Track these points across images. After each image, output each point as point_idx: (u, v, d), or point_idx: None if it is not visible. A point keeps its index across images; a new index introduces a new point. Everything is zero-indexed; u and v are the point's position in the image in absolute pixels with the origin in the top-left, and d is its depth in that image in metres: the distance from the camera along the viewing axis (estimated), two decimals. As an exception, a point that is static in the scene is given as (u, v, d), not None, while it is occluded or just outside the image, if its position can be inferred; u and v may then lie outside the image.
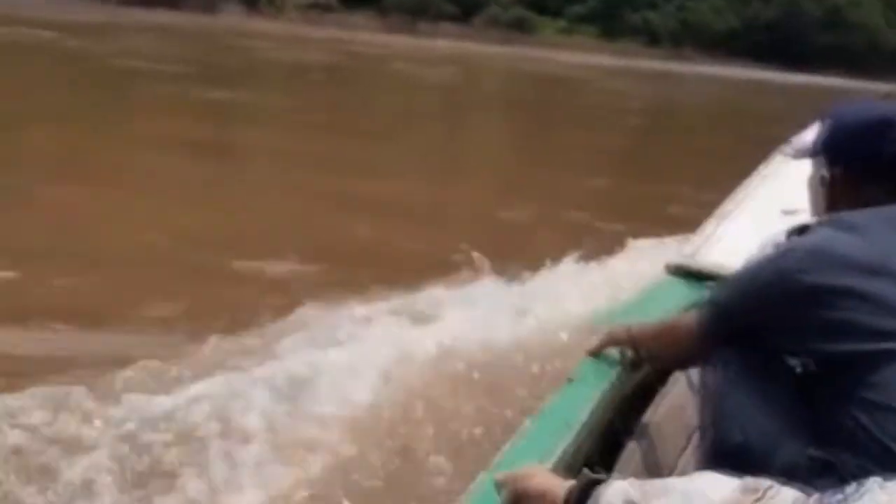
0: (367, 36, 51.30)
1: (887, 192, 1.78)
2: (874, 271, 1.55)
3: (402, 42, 49.88)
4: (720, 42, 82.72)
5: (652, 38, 79.89)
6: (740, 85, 51.57)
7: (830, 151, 1.91)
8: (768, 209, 3.07)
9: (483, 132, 18.38)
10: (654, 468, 2.16)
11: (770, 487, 1.14)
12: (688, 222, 3.95)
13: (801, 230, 1.79)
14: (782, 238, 1.85)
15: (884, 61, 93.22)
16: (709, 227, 3.46)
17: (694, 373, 2.13)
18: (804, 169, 2.06)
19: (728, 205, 3.64)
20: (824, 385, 1.56)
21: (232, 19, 51.95)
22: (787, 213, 2.49)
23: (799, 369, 1.62)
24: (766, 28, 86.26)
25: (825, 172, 1.93)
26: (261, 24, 50.92)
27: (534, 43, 66.59)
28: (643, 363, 2.29)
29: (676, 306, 2.73)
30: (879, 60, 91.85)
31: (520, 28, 71.58)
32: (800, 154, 2.04)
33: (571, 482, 1.35)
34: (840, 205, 1.85)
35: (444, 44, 54.77)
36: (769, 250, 1.81)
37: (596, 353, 2.32)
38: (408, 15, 65.79)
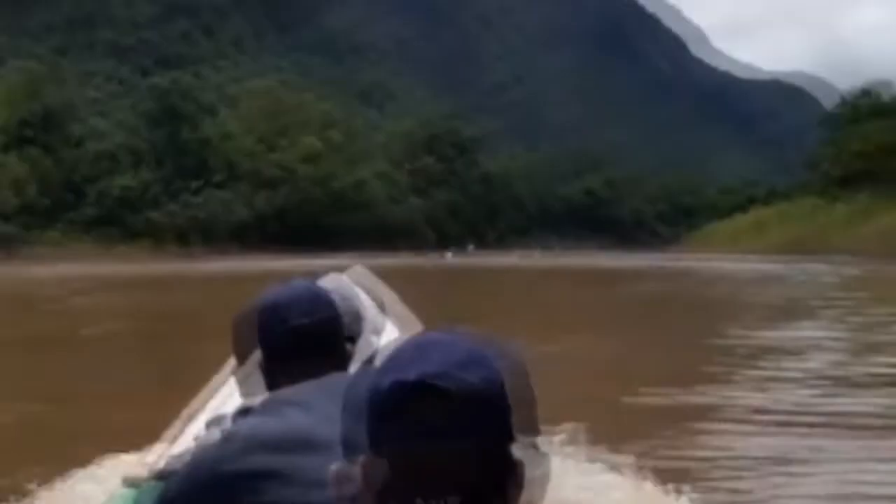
0: None
1: (316, 363, 1.86)
2: (306, 446, 1.60)
3: None
4: (234, 235, 78.96)
5: (157, 240, 74.35)
6: (257, 277, 47.17)
7: (260, 342, 1.95)
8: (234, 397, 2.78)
9: None
10: None
11: None
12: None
13: (245, 411, 1.83)
14: (229, 422, 1.90)
15: (392, 236, 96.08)
16: (174, 430, 3.38)
17: None
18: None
19: (194, 404, 3.45)
20: None
21: None
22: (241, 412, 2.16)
23: None
24: (278, 217, 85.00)
25: (261, 359, 1.95)
26: None
27: (26, 257, 58.73)
28: None
29: None
30: (385, 236, 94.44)
31: (8, 245, 63.20)
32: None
33: None
34: (280, 383, 1.87)
35: None
36: (216, 435, 1.85)
37: None
38: None
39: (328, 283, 2.29)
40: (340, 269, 2.81)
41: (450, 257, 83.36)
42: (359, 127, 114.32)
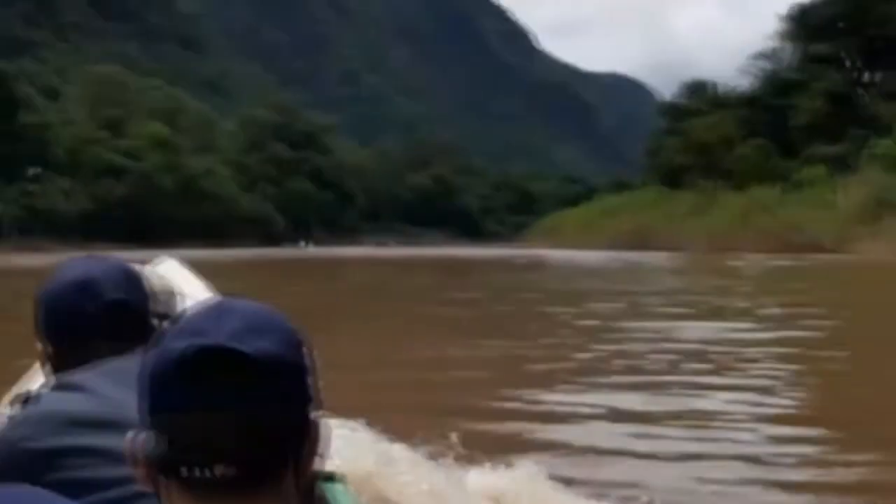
0: None
1: (107, 346, 1.77)
2: (103, 425, 1.56)
3: None
4: (74, 226, 75.37)
5: (-8, 229, 70.49)
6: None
7: (42, 332, 1.84)
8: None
9: None
10: None
11: None
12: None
13: (26, 399, 1.73)
14: (16, 410, 1.76)
15: (240, 225, 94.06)
16: None
17: None
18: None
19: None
20: None
21: None
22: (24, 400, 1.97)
23: None
24: (122, 206, 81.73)
25: (46, 349, 1.85)
26: None
27: None
28: None
29: None
30: (235, 226, 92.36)
31: None
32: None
33: None
34: (67, 368, 1.76)
35: None
36: (16, 413, 1.73)
37: None
38: None
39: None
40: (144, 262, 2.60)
41: (304, 246, 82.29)
42: (207, 114, 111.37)
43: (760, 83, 69.52)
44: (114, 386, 1.62)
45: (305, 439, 1.07)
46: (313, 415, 1.09)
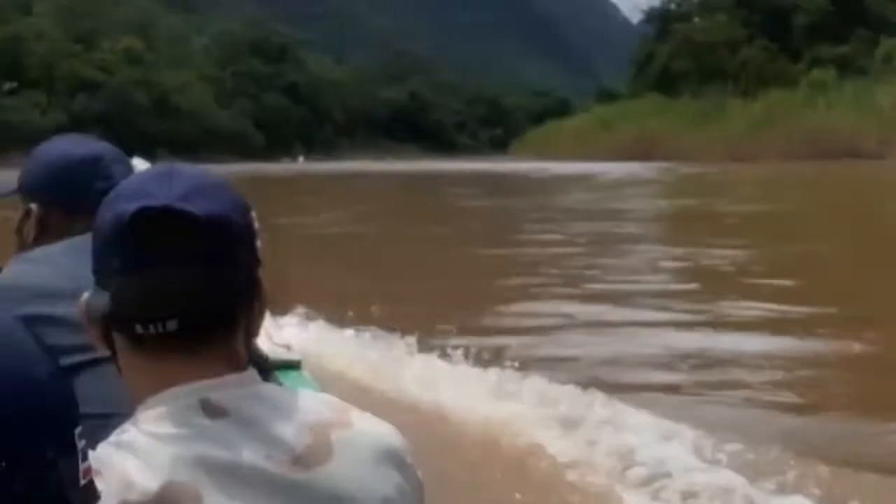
0: None
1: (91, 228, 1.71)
2: (63, 295, 1.53)
3: None
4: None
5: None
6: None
7: (34, 190, 1.80)
8: None
9: None
10: None
11: None
12: None
13: None
14: None
15: (216, 142, 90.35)
16: None
17: None
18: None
19: None
20: None
21: None
22: None
23: None
24: (97, 121, 77.79)
25: (33, 210, 1.80)
26: None
27: None
28: None
29: None
30: (212, 141, 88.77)
31: None
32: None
33: None
34: (46, 240, 1.76)
35: None
36: None
37: None
38: None
39: None
40: None
41: (301, 161, 79.46)
42: (180, 29, 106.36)
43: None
44: (76, 258, 1.51)
45: (255, 300, 1.07)
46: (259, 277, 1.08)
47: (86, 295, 1.05)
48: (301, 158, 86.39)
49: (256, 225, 1.09)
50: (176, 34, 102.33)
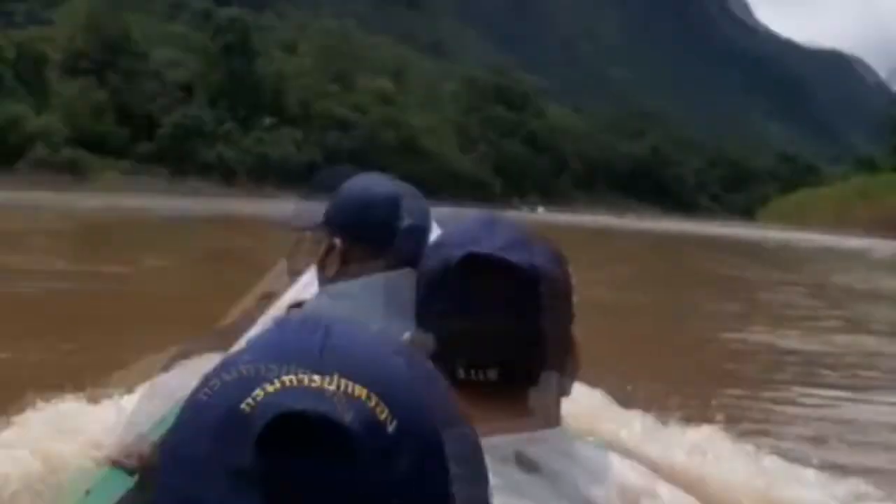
0: None
1: (391, 265, 1.76)
2: None
3: None
4: (302, 176, 74.33)
5: (227, 176, 69.89)
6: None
7: (341, 225, 1.79)
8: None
9: None
10: None
11: None
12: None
13: (299, 304, 1.82)
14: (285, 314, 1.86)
15: (456, 185, 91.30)
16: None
17: None
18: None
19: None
20: None
21: None
22: (294, 306, 2.08)
23: None
24: (348, 159, 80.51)
25: (337, 244, 1.79)
26: None
27: (94, 187, 54.38)
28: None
29: None
30: (452, 184, 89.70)
31: (72, 171, 58.77)
32: (303, 225, 1.89)
33: None
34: (346, 274, 1.77)
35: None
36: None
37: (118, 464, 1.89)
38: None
39: None
40: None
41: (541, 212, 78.95)
42: (430, 72, 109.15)
43: None
44: (372, 296, 1.61)
45: (569, 355, 1.07)
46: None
47: (407, 334, 1.06)
48: (541, 209, 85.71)
49: (573, 280, 1.08)
50: (426, 78, 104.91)
